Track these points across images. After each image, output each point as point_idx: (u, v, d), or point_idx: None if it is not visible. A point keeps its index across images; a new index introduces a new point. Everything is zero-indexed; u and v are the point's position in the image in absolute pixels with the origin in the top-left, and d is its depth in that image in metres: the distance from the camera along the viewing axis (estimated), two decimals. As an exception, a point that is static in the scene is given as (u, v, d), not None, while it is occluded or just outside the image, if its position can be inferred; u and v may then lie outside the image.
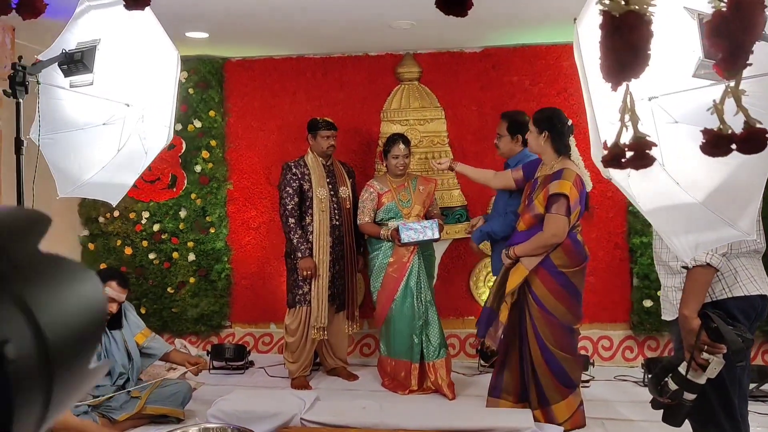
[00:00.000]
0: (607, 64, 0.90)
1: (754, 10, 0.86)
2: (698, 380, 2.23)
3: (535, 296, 3.63)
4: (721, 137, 0.90)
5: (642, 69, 0.92)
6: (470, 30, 4.69)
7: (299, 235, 4.57)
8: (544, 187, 3.63)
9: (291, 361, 4.69)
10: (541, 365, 3.65)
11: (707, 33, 0.90)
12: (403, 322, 4.44)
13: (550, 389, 3.67)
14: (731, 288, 2.33)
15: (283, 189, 4.63)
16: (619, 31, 0.88)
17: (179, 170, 5.41)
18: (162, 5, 3.88)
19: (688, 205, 1.82)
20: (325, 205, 4.61)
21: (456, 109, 5.19)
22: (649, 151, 0.98)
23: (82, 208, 5.50)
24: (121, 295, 3.76)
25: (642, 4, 0.89)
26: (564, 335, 3.65)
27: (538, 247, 3.59)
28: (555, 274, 3.60)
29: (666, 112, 1.84)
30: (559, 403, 3.67)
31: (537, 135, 3.70)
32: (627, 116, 0.98)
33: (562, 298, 3.62)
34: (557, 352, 3.63)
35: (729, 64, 0.87)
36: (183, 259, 5.46)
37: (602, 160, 1.04)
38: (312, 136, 4.71)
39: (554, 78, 5.10)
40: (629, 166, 0.99)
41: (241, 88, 5.48)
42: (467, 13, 1.09)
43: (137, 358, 3.82)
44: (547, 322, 3.62)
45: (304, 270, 4.53)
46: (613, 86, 0.94)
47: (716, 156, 0.93)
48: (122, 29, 2.56)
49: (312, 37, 4.85)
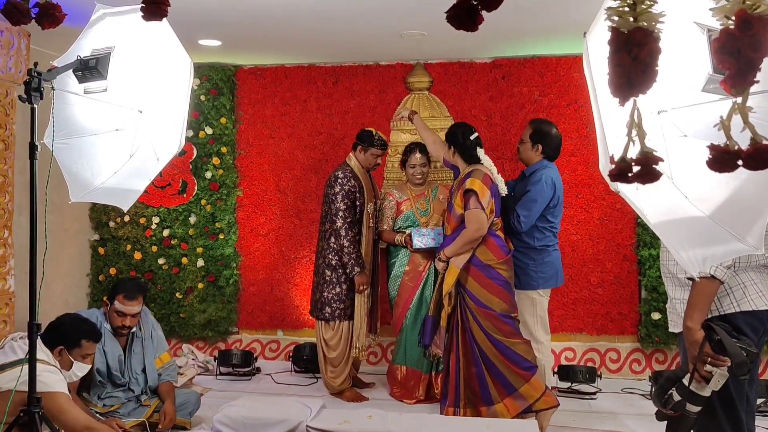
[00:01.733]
0: (615, 80, 0.92)
1: (762, 28, 0.87)
2: (702, 392, 2.22)
3: (470, 294, 3.91)
4: (727, 153, 0.91)
5: (649, 85, 0.93)
6: (481, 40, 4.71)
7: (356, 250, 4.47)
8: (458, 189, 4.00)
9: (334, 375, 4.60)
10: (496, 355, 3.84)
11: (715, 50, 0.91)
12: (417, 331, 4.44)
13: (511, 376, 3.83)
14: (739, 302, 2.33)
15: (341, 200, 4.43)
16: (627, 48, 0.89)
17: (190, 176, 5.45)
18: (175, 13, 3.92)
19: (697, 219, 1.82)
20: (372, 221, 4.57)
21: (465, 119, 5.17)
22: (656, 166, 0.99)
23: (93, 212, 5.55)
24: (131, 308, 3.71)
25: (650, 20, 0.90)
26: (505, 324, 3.86)
27: (465, 243, 3.90)
28: (482, 268, 3.90)
29: (675, 126, 1.85)
30: (524, 386, 3.81)
31: (447, 149, 4.17)
32: (634, 131, 0.99)
33: (493, 289, 3.88)
34: (505, 339, 3.84)
35: (737, 82, 0.88)
36: (192, 265, 5.48)
37: (609, 174, 1.05)
38: (362, 149, 4.55)
39: (564, 90, 5.11)
40: (635, 181, 1.00)
41: (252, 96, 5.51)
42: (477, 28, 1.10)
43: (153, 378, 3.83)
44: (485, 315, 3.86)
45: (361, 285, 4.46)
46: (621, 102, 0.95)
47: (723, 172, 0.94)
48: (136, 37, 2.59)
49: (323, 45, 4.88)
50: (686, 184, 1.86)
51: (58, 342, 3.09)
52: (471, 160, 4.06)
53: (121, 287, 3.75)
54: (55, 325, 3.23)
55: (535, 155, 4.13)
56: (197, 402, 3.97)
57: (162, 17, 1.49)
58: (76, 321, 3.29)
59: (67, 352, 3.11)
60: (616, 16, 0.92)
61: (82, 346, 3.18)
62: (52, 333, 3.13)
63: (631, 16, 0.91)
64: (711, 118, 1.33)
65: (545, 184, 3.98)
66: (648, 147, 0.99)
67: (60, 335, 3.13)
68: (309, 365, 5.08)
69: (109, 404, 3.65)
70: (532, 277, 4.08)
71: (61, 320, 3.29)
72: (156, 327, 3.95)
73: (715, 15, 0.92)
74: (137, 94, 2.73)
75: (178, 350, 5.49)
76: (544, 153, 4.11)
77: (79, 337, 3.19)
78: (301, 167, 5.47)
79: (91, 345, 3.25)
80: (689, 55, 1.61)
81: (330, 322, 4.54)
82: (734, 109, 0.95)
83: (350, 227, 4.45)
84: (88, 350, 3.23)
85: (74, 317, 3.36)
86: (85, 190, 2.86)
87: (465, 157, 4.08)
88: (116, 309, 3.68)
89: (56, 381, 2.82)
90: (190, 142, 5.42)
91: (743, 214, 1.83)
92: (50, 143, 2.66)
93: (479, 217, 3.85)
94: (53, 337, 3.09)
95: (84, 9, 2.74)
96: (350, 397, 4.52)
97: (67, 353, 3.11)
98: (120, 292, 3.70)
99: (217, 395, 4.53)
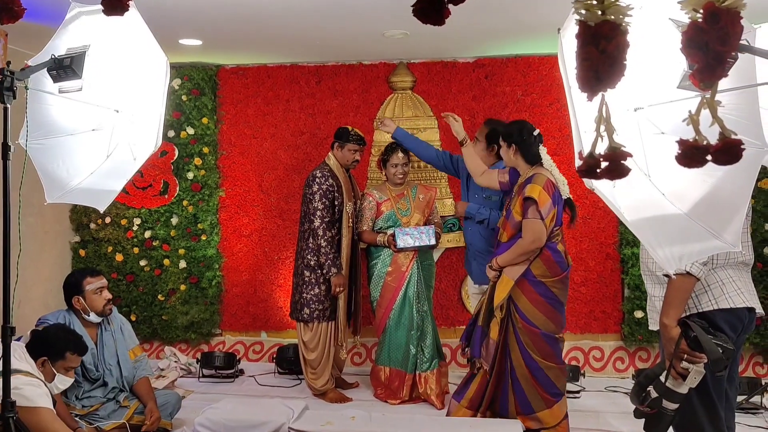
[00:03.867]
0: (583, 74, 0.90)
1: (730, 21, 0.86)
2: (678, 389, 2.23)
3: (516, 307, 3.63)
4: (696, 148, 0.90)
5: (618, 79, 0.92)
6: (463, 40, 4.71)
7: (334, 250, 4.45)
8: (518, 195, 3.67)
9: (314, 377, 4.57)
10: (525, 375, 3.64)
11: (684, 44, 0.90)
12: (401, 331, 4.43)
13: (534, 398, 3.65)
14: (717, 300, 2.33)
15: (318, 200, 4.39)
16: (595, 41, 0.87)
17: (171, 177, 5.40)
18: (155, 12, 3.91)
19: (674, 216, 1.82)
20: (351, 221, 4.54)
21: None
22: (624, 161, 0.98)
23: (74, 214, 5.49)
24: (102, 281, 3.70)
25: (618, 14, 0.89)
26: (546, 344, 3.63)
27: (520, 254, 3.59)
28: (534, 284, 3.60)
29: (652, 123, 1.85)
30: (543, 411, 3.65)
31: (506, 149, 3.77)
32: (603, 127, 0.98)
33: (542, 307, 3.61)
34: (541, 361, 3.62)
35: (705, 75, 0.87)
36: (174, 267, 5.44)
37: (577, 170, 1.04)
38: (339, 146, 4.54)
39: (547, 89, 5.12)
40: (604, 177, 0.99)
41: (234, 96, 5.48)
42: (444, 22, 1.09)
43: (129, 370, 3.78)
44: (528, 332, 3.61)
45: (338, 286, 4.42)
46: (589, 96, 0.94)
47: (692, 167, 0.93)
48: (112, 35, 2.56)
49: (306, 45, 4.85)
50: (663, 181, 1.86)
51: (42, 353, 3.05)
52: (534, 160, 3.71)
53: (78, 276, 3.72)
54: (40, 335, 3.18)
55: (490, 157, 4.12)
56: (178, 403, 3.93)
57: (123, 12, 1.46)
58: (62, 332, 3.25)
59: (51, 363, 3.07)
60: (583, 10, 0.91)
61: (66, 359, 3.14)
62: (36, 343, 3.08)
63: (598, 9, 0.90)
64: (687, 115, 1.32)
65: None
66: (616, 142, 0.97)
67: (44, 346, 3.08)
68: (293, 367, 5.05)
69: (87, 405, 3.60)
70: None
71: (46, 331, 3.24)
72: (124, 322, 3.91)
73: (684, 8, 0.91)
74: (113, 94, 2.69)
75: (161, 353, 5.45)
76: (498, 155, 4.08)
77: (65, 349, 3.15)
78: (284, 167, 5.44)
79: (76, 358, 3.21)
80: (665, 53, 1.60)
81: (309, 324, 4.51)
82: (703, 103, 0.94)
83: (328, 227, 4.42)
84: (72, 363, 3.19)
85: (60, 328, 3.32)
86: (62, 190, 2.83)
87: (527, 157, 3.71)
88: (93, 290, 3.64)
89: (39, 395, 2.78)
90: (171, 142, 5.38)
91: (720, 211, 1.83)
92: (25, 143, 2.63)
93: (536, 227, 3.53)
94: (37, 347, 3.05)
95: (59, 8, 2.70)
96: (333, 398, 4.50)
97: (50, 365, 3.07)
98: (82, 277, 3.68)
99: (200, 398, 4.49)
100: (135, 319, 5.40)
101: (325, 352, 4.53)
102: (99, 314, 3.66)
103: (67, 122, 2.81)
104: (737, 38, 0.85)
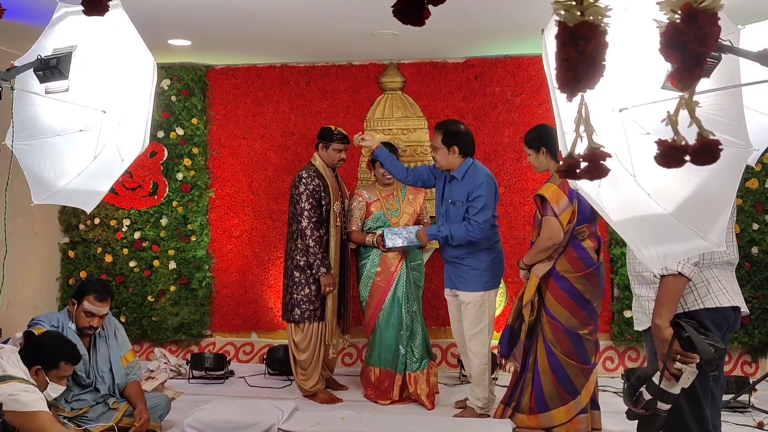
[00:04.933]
0: (562, 75, 0.91)
1: (708, 21, 0.86)
2: (672, 390, 2.23)
3: (543, 302, 3.71)
4: (674, 148, 0.91)
5: (597, 80, 0.92)
6: (453, 40, 4.72)
7: (323, 250, 4.44)
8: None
9: (304, 378, 4.55)
10: (547, 371, 3.69)
11: (662, 45, 0.91)
12: (390, 331, 4.43)
13: (552, 395, 3.69)
14: (703, 299, 2.35)
15: (305, 200, 4.39)
16: (574, 42, 0.88)
17: (161, 178, 5.38)
18: (144, 12, 3.90)
19: (659, 216, 1.83)
20: (339, 220, 4.53)
21: (439, 119, 5.15)
22: (604, 162, 0.99)
23: (63, 215, 5.46)
24: (100, 309, 3.62)
25: (597, 15, 0.90)
26: (569, 341, 3.66)
27: (539, 251, 3.67)
28: (558, 279, 3.66)
29: (637, 123, 1.85)
30: (558, 408, 3.70)
31: (536, 154, 3.80)
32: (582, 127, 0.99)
33: (565, 302, 3.65)
34: (562, 357, 3.66)
35: (683, 76, 0.88)
36: (164, 267, 5.42)
37: (557, 171, 1.04)
38: (323, 146, 4.54)
39: (536, 89, 5.13)
40: (584, 177, 1.00)
41: (224, 96, 5.47)
42: (424, 22, 1.09)
43: (121, 377, 3.76)
44: (552, 327, 3.67)
45: (327, 286, 4.41)
46: (569, 97, 0.94)
47: (670, 167, 0.94)
48: (99, 36, 2.54)
49: (296, 45, 4.85)
50: (649, 181, 1.87)
51: (36, 361, 3.03)
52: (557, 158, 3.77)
53: (90, 288, 3.67)
54: (35, 343, 3.17)
55: (455, 158, 4.04)
56: (167, 405, 3.92)
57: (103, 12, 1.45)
58: (57, 341, 3.24)
59: (44, 372, 3.06)
60: (562, 10, 0.91)
61: (60, 368, 3.13)
62: (31, 351, 3.07)
63: (577, 10, 0.90)
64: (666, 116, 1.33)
65: (487, 183, 3.97)
66: (596, 143, 0.98)
67: (39, 354, 3.07)
68: (283, 367, 5.03)
69: (77, 407, 3.58)
70: (485, 278, 4.07)
71: (42, 339, 3.23)
72: (119, 326, 3.88)
73: (662, 9, 0.92)
74: (100, 94, 2.67)
75: (150, 354, 5.43)
76: (462, 153, 4.04)
77: (59, 358, 3.14)
78: (274, 168, 5.44)
79: (69, 367, 3.21)
80: (650, 53, 1.61)
81: (299, 324, 4.50)
82: (682, 104, 0.95)
83: (316, 227, 4.41)
84: (65, 372, 3.18)
85: (55, 336, 3.31)
86: (48, 191, 2.80)
87: (555, 156, 3.75)
88: (85, 309, 3.60)
89: (35, 400, 2.76)
90: (161, 142, 5.36)
91: (705, 211, 1.84)
92: (11, 144, 2.61)
93: (550, 224, 3.60)
94: (32, 355, 3.03)
95: (46, 8, 2.69)
96: (324, 399, 4.49)
97: (43, 373, 3.06)
98: (90, 292, 3.62)
99: (189, 399, 4.48)
100: (125, 321, 5.38)
101: (316, 352, 4.52)
102: (77, 330, 3.62)
103: (54, 123, 2.79)
104: (715, 39, 0.86)
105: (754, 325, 4.85)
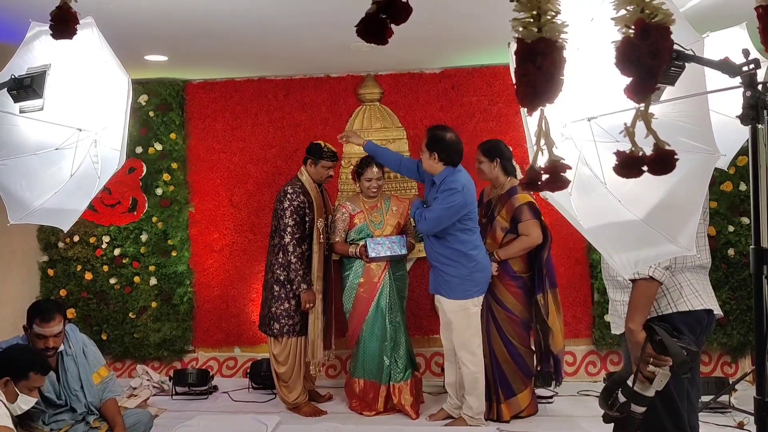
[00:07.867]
0: (522, 90, 0.93)
1: (660, 36, 0.89)
2: (646, 392, 2.26)
3: (497, 300, 4.22)
4: (632, 159, 0.93)
5: (555, 94, 0.95)
6: (429, 51, 4.76)
7: (304, 266, 4.43)
8: (503, 205, 4.17)
9: (287, 391, 4.54)
10: (507, 360, 4.21)
11: (617, 58, 0.93)
12: (374, 342, 4.43)
13: (516, 381, 4.23)
14: (676, 303, 2.38)
15: (289, 216, 4.40)
16: (532, 58, 0.91)
17: (140, 193, 5.36)
18: (119, 29, 3.89)
19: (629, 222, 1.86)
20: (323, 237, 4.53)
21: (417, 129, 5.23)
22: (564, 173, 1.01)
23: (41, 233, 5.42)
24: (50, 329, 3.41)
25: (554, 31, 0.92)
26: (523, 330, 4.26)
27: (522, 249, 4.16)
28: (514, 278, 4.21)
29: (606, 132, 1.89)
30: (523, 392, 4.24)
31: (489, 163, 4.27)
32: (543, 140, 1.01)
33: (519, 298, 4.22)
34: (519, 346, 4.23)
35: (638, 89, 0.90)
36: (144, 284, 5.39)
37: (519, 183, 1.07)
38: (312, 162, 4.52)
39: (512, 98, 5.13)
40: (545, 189, 1.02)
41: (202, 111, 5.46)
42: (387, 41, 1.12)
43: (94, 395, 3.70)
44: (508, 320, 4.21)
45: (307, 302, 4.40)
46: (529, 111, 0.97)
47: (629, 177, 0.97)
48: (73, 54, 2.54)
49: (273, 58, 4.86)
50: (619, 188, 1.90)
51: (5, 372, 3.01)
52: (512, 171, 4.27)
53: (35, 310, 3.50)
54: (3, 354, 3.14)
55: (436, 164, 4.04)
56: (150, 422, 3.87)
57: (71, 36, 1.47)
58: (25, 352, 3.20)
59: (13, 383, 3.03)
60: (521, 27, 0.94)
61: (29, 378, 3.09)
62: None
63: (534, 27, 0.93)
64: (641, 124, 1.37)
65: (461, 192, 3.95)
66: (556, 155, 1.01)
67: (7, 366, 3.04)
68: (267, 381, 5.01)
69: (56, 428, 3.53)
70: (466, 287, 4.07)
71: (9, 350, 3.20)
72: (88, 343, 3.79)
73: (617, 24, 0.95)
74: (75, 113, 2.67)
75: (133, 371, 5.38)
76: (441, 160, 4.03)
77: (27, 368, 3.09)
78: (254, 181, 5.44)
79: (39, 377, 3.16)
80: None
81: (279, 338, 4.50)
82: (638, 115, 0.97)
83: (298, 243, 4.41)
84: (35, 383, 3.14)
85: (24, 348, 3.27)
86: (25, 211, 2.79)
87: (508, 169, 4.26)
88: (36, 333, 3.50)
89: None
90: (139, 158, 5.34)
91: (675, 216, 1.88)
92: (-14, 164, 2.60)
93: (537, 226, 4.11)
94: (0, 367, 3.01)
95: (20, 26, 2.69)
96: (308, 412, 4.48)
97: (12, 385, 3.02)
98: (36, 315, 3.47)
99: (173, 416, 4.45)
100: (106, 338, 5.34)
101: (296, 366, 4.51)
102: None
103: (30, 142, 2.78)
104: (668, 52, 0.89)
105: (733, 326, 4.90)
